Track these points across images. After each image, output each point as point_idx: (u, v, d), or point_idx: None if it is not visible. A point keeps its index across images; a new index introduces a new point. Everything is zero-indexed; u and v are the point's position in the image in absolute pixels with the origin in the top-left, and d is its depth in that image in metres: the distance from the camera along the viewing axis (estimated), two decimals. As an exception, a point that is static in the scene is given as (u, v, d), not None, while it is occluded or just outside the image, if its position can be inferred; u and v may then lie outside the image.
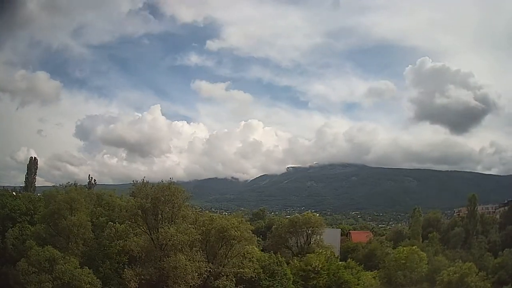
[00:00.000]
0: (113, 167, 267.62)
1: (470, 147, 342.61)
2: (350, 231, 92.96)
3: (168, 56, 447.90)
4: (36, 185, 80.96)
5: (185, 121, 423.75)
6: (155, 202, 36.80)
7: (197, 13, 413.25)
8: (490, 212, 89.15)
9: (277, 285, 40.38)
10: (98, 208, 44.21)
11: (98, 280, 34.15)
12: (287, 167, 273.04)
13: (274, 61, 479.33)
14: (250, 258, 39.22)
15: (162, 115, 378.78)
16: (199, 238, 37.25)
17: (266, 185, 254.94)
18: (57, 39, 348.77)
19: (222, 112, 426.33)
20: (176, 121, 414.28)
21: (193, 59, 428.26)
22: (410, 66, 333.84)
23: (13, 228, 44.96)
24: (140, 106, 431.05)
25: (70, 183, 45.30)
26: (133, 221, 38.23)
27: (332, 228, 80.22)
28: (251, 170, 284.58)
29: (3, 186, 79.83)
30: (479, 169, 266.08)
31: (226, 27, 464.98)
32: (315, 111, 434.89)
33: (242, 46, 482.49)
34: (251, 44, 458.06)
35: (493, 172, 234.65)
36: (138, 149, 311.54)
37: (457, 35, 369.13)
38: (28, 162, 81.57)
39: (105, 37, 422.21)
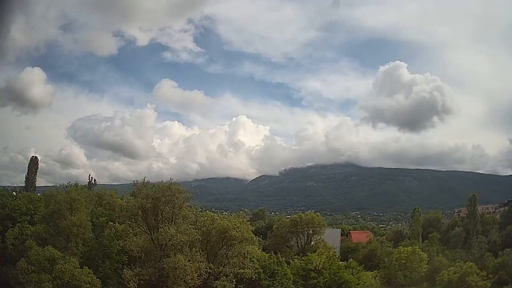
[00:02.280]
0: (107, 168, 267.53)
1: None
2: (350, 231, 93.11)
3: (158, 52, 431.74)
4: (36, 185, 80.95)
5: (178, 121, 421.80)
6: (156, 202, 36.74)
7: (188, 8, 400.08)
8: (490, 212, 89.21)
9: (277, 285, 40.36)
10: (99, 208, 44.19)
11: (97, 279, 34.10)
12: (287, 167, 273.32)
13: (266, 57, 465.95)
14: (250, 258, 39.21)
15: (155, 112, 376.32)
16: (199, 239, 37.22)
17: (266, 185, 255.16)
18: (46, 34, 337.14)
19: (214, 109, 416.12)
20: (170, 121, 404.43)
21: (183, 56, 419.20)
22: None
23: (13, 228, 44.94)
24: (132, 103, 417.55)
25: (70, 183, 45.28)
26: (133, 221, 38.17)
27: (332, 228, 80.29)
28: (251, 170, 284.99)
29: (3, 186, 79.82)
30: (478, 169, 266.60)
31: (217, 21, 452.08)
32: (309, 108, 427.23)
33: (234, 41, 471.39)
34: (243, 39, 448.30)
35: (493, 172, 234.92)
36: (132, 149, 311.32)
37: (456, 27, 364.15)
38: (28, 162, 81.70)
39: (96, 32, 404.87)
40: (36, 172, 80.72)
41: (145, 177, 39.77)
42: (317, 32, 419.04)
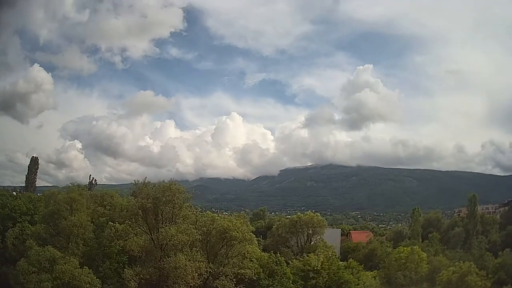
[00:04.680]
0: (104, 169, 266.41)
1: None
2: (350, 231, 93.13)
3: (148, 49, 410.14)
4: (36, 185, 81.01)
5: (173, 120, 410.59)
6: (156, 202, 36.78)
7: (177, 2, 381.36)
8: (490, 212, 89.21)
9: (276, 285, 40.37)
10: (99, 208, 44.26)
11: (97, 279, 34.15)
12: (287, 167, 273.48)
13: (259, 52, 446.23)
14: (250, 258, 39.25)
15: (149, 112, 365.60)
16: (199, 239, 37.25)
17: (266, 185, 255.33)
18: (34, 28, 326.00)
19: (207, 108, 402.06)
20: (163, 121, 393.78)
21: (173, 52, 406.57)
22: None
23: (13, 228, 45.04)
24: (123, 100, 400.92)
25: (71, 183, 45.39)
26: (134, 221, 38.21)
27: (332, 228, 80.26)
28: (251, 170, 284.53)
29: (3, 186, 79.95)
30: (478, 169, 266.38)
31: (208, 16, 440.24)
32: (302, 106, 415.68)
33: (225, 36, 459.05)
34: (235, 34, 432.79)
35: (493, 172, 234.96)
36: (129, 150, 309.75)
37: (455, 20, 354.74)
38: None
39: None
40: (36, 172, 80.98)
41: (145, 177, 39.82)
42: (312, 26, 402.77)
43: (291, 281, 41.95)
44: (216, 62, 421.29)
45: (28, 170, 79.69)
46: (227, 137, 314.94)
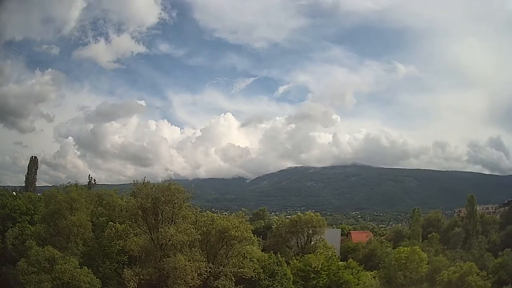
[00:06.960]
0: (103, 169, 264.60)
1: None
2: (350, 231, 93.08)
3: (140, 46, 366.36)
4: (36, 185, 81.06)
5: (167, 119, 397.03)
6: (155, 202, 36.81)
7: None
8: (490, 212, 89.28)
9: (277, 285, 40.36)
10: (99, 208, 44.25)
11: (97, 280, 34.12)
12: (287, 167, 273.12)
13: (251, 47, 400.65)
14: (250, 258, 39.23)
15: (143, 111, 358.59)
16: (199, 238, 37.25)
17: (266, 185, 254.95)
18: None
19: (200, 106, 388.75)
20: (157, 120, 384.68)
21: (163, 48, 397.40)
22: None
23: (13, 228, 45.04)
24: (116, 98, 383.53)
25: (70, 183, 45.35)
26: (133, 221, 38.25)
27: (332, 228, 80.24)
28: (250, 170, 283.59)
29: (3, 186, 79.93)
30: (478, 169, 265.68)
31: (197, 9, 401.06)
32: (297, 103, 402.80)
33: (216, 30, 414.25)
34: (227, 29, 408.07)
35: (493, 172, 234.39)
36: (126, 150, 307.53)
37: (455, 13, 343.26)
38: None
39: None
40: (36, 172, 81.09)
41: (145, 177, 39.88)
42: (307, 19, 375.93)
43: (291, 282, 41.93)
44: (207, 58, 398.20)
45: (28, 170, 79.83)
46: (223, 136, 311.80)
